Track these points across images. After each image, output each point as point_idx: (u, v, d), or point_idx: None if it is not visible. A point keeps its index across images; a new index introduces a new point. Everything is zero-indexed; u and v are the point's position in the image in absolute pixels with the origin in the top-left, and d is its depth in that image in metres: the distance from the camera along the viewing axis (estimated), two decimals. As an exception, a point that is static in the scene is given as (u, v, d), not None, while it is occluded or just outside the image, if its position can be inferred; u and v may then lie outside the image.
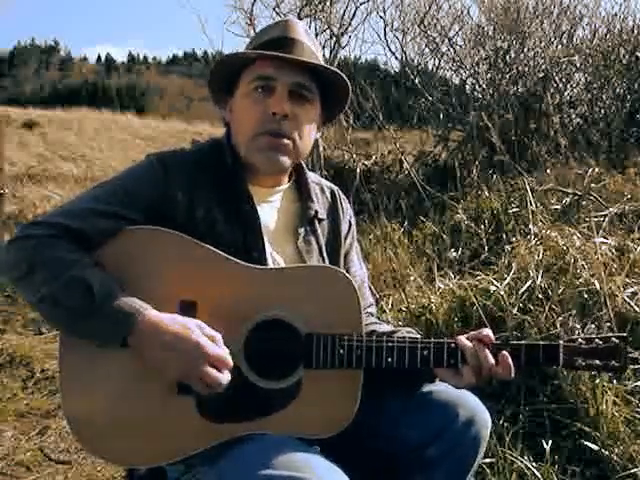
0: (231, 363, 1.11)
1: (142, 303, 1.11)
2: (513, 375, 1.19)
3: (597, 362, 1.25)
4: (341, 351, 1.17)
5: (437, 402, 1.26)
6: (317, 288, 1.21)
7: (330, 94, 1.34)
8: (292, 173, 1.40)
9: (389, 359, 1.18)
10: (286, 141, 1.27)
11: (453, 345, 1.20)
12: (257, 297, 1.19)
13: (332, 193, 1.47)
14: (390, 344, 1.19)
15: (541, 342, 1.27)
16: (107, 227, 1.17)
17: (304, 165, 1.42)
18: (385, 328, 1.40)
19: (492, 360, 1.18)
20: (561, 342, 1.24)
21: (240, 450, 1.12)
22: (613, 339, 1.25)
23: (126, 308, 1.10)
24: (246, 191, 1.30)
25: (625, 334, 1.28)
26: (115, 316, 1.09)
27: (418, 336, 1.29)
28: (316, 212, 1.37)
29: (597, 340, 1.26)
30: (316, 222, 1.37)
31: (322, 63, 1.30)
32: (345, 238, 1.44)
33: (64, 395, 1.15)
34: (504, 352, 1.19)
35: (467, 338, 1.22)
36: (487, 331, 1.22)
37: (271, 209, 1.34)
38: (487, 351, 1.19)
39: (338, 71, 1.29)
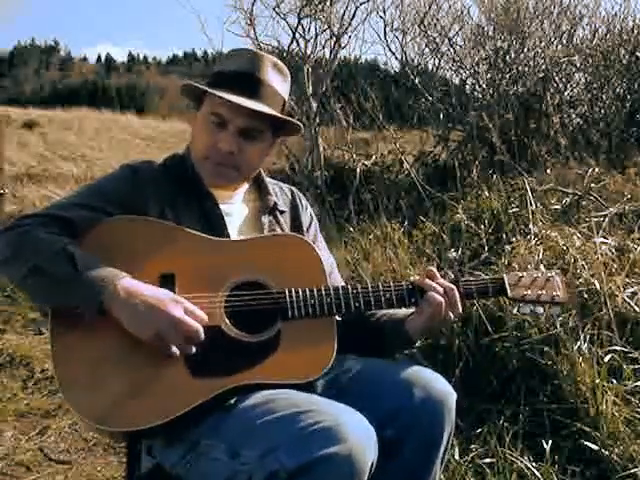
0: (205, 316, 1.22)
1: (120, 272, 1.22)
2: (461, 310, 1.35)
3: (542, 293, 1.38)
4: (312, 301, 1.30)
5: (390, 383, 1.29)
6: (284, 253, 1.36)
7: (285, 127, 1.46)
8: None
9: (356, 304, 1.33)
10: (232, 171, 1.41)
11: (410, 285, 1.35)
12: (231, 263, 1.32)
13: (291, 191, 1.60)
14: (355, 291, 1.34)
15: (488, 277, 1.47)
16: (88, 216, 1.31)
17: (261, 169, 1.54)
18: None
19: (441, 289, 1.32)
20: (505, 275, 1.41)
21: (236, 411, 1.18)
22: (550, 272, 1.40)
23: (105, 274, 1.20)
24: (207, 192, 1.42)
25: (558, 270, 1.43)
26: (95, 281, 1.18)
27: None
28: (275, 203, 1.49)
29: (537, 274, 1.40)
30: (277, 213, 1.49)
31: (276, 112, 1.39)
32: (308, 229, 1.55)
33: (60, 374, 1.20)
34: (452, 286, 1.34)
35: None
36: (433, 270, 1.37)
37: (233, 207, 1.45)
38: (439, 282, 1.34)
39: (292, 120, 1.43)
